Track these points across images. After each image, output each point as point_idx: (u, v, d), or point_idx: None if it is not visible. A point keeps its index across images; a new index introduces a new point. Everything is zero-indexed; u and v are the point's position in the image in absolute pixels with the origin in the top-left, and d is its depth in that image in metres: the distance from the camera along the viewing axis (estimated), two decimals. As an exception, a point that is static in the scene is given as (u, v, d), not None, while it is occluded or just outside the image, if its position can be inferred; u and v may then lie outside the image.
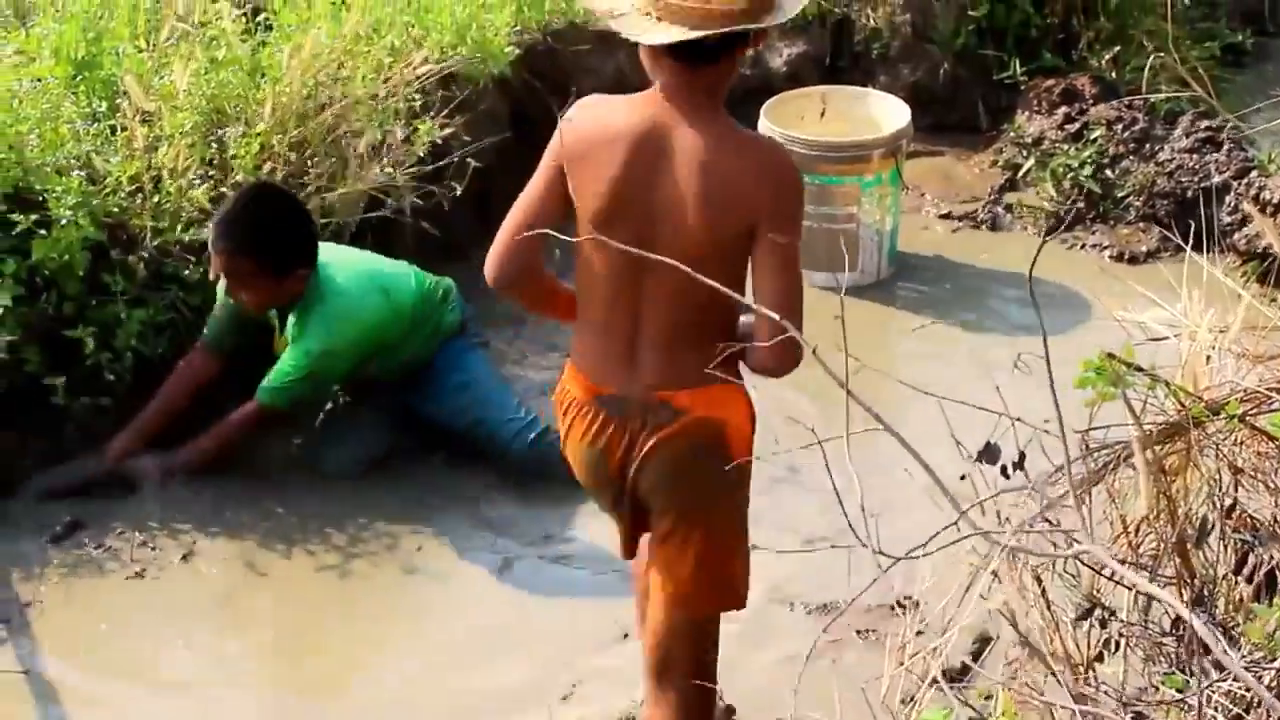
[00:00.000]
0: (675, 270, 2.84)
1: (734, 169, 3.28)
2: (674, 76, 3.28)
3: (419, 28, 5.95)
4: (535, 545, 4.89)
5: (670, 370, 3.42)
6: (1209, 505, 3.41)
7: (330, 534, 4.89)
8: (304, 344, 4.92)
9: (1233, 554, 3.39)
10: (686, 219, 3.28)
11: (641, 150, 3.28)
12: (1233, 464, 3.44)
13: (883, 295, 6.24)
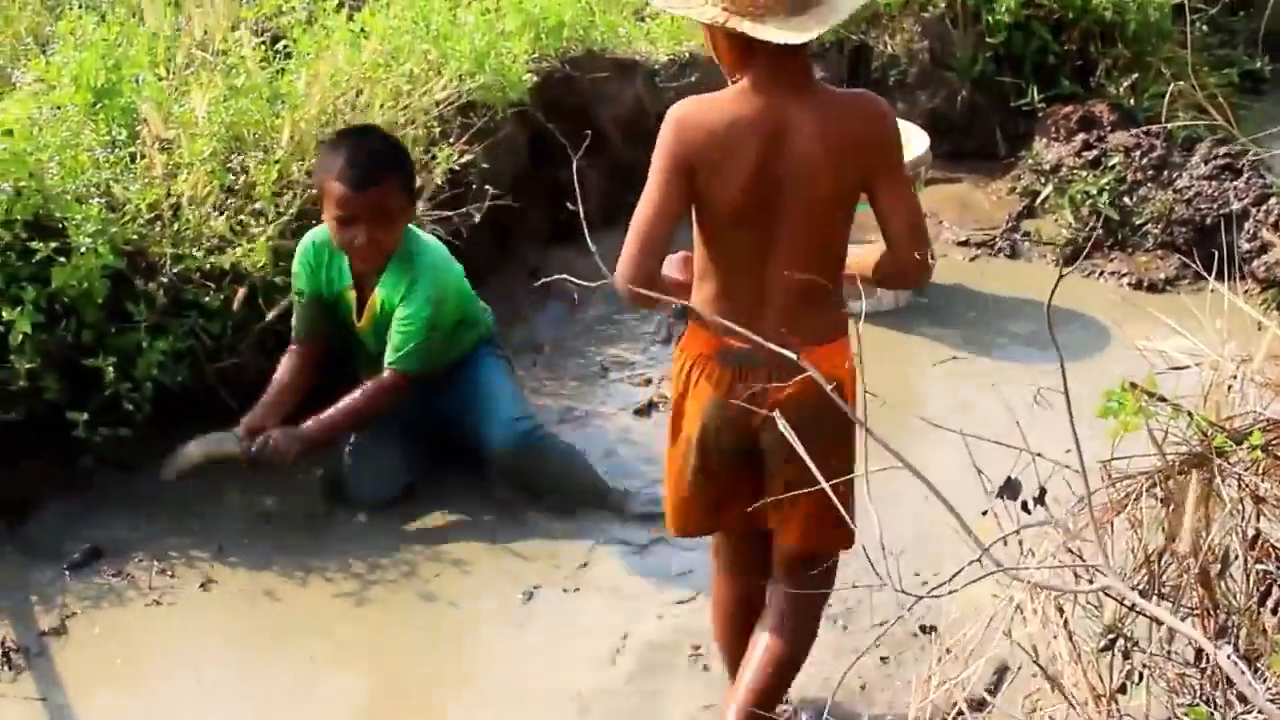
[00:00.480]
0: (801, 235, 3.54)
1: (847, 130, 3.58)
2: (773, 63, 3.53)
3: (437, 55, 5.96)
4: (557, 575, 4.86)
5: (799, 327, 3.57)
6: (1232, 536, 3.40)
7: (349, 562, 4.87)
8: (417, 295, 4.97)
9: (1256, 585, 3.38)
10: (817, 183, 3.55)
11: (765, 134, 3.53)
12: (1256, 494, 3.42)
13: (901, 324, 6.23)
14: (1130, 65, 7.57)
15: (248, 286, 5.11)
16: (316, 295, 5.11)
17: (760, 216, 3.57)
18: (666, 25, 7.37)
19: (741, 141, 3.53)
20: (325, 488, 5.21)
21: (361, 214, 4.86)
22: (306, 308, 5.13)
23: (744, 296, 3.65)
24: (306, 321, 5.15)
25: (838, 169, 3.57)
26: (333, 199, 4.86)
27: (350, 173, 4.81)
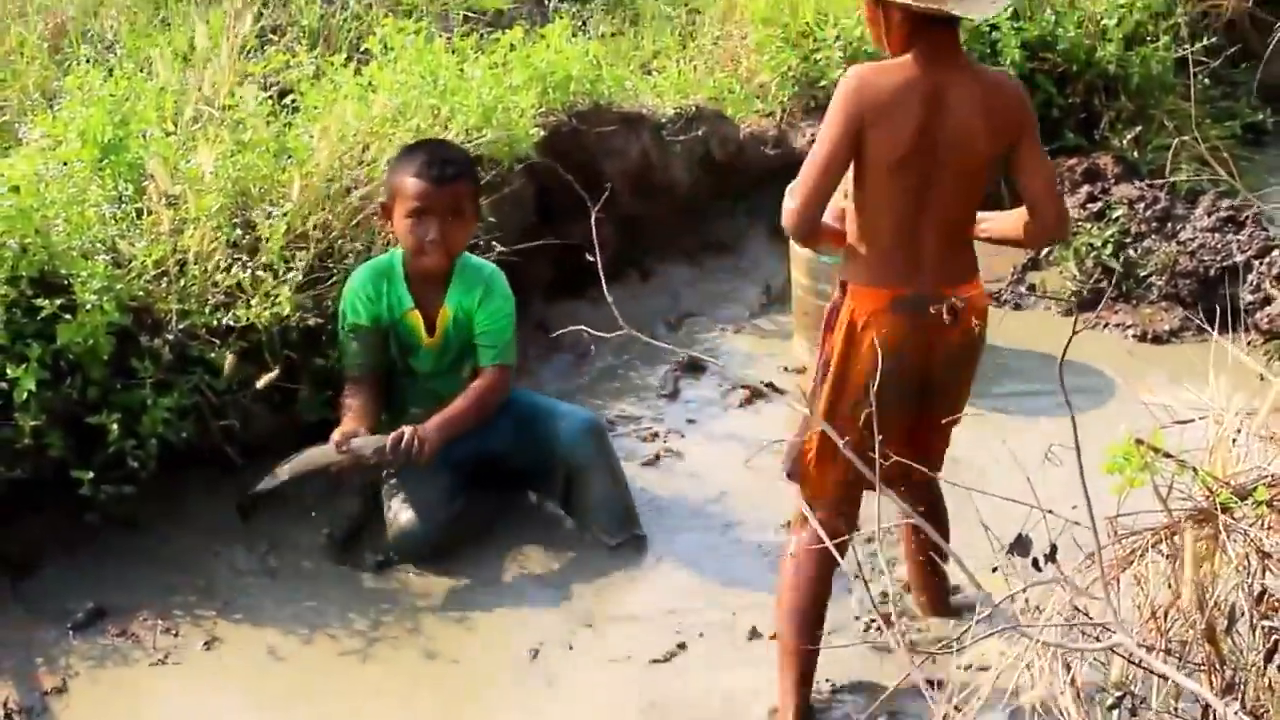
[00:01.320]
0: (950, 190, 4.12)
1: (998, 102, 4.15)
2: (935, 38, 4.11)
3: (445, 110, 5.97)
4: (563, 631, 4.84)
5: (951, 270, 4.22)
6: (1238, 592, 3.39)
7: (352, 619, 4.86)
8: (496, 293, 5.26)
9: (1263, 641, 3.36)
10: (974, 145, 4.10)
11: (928, 100, 4.07)
12: (1261, 549, 3.42)
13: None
14: (1134, 118, 7.59)
15: (252, 343, 5.12)
16: (376, 325, 5.19)
17: (918, 172, 4.09)
18: (673, 78, 7.39)
19: (907, 103, 4.05)
20: (329, 543, 5.19)
21: (438, 208, 5.10)
22: (366, 340, 5.20)
23: (906, 249, 4.17)
24: (366, 355, 5.22)
25: (991, 134, 4.11)
26: (410, 194, 5.08)
27: (430, 169, 5.07)
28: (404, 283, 5.21)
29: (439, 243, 5.11)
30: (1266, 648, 3.34)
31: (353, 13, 7.41)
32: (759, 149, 7.33)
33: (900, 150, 4.07)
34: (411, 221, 5.10)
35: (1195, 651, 3.35)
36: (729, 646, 4.73)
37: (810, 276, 6.29)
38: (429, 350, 5.29)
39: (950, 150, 4.09)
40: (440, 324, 5.25)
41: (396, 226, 5.17)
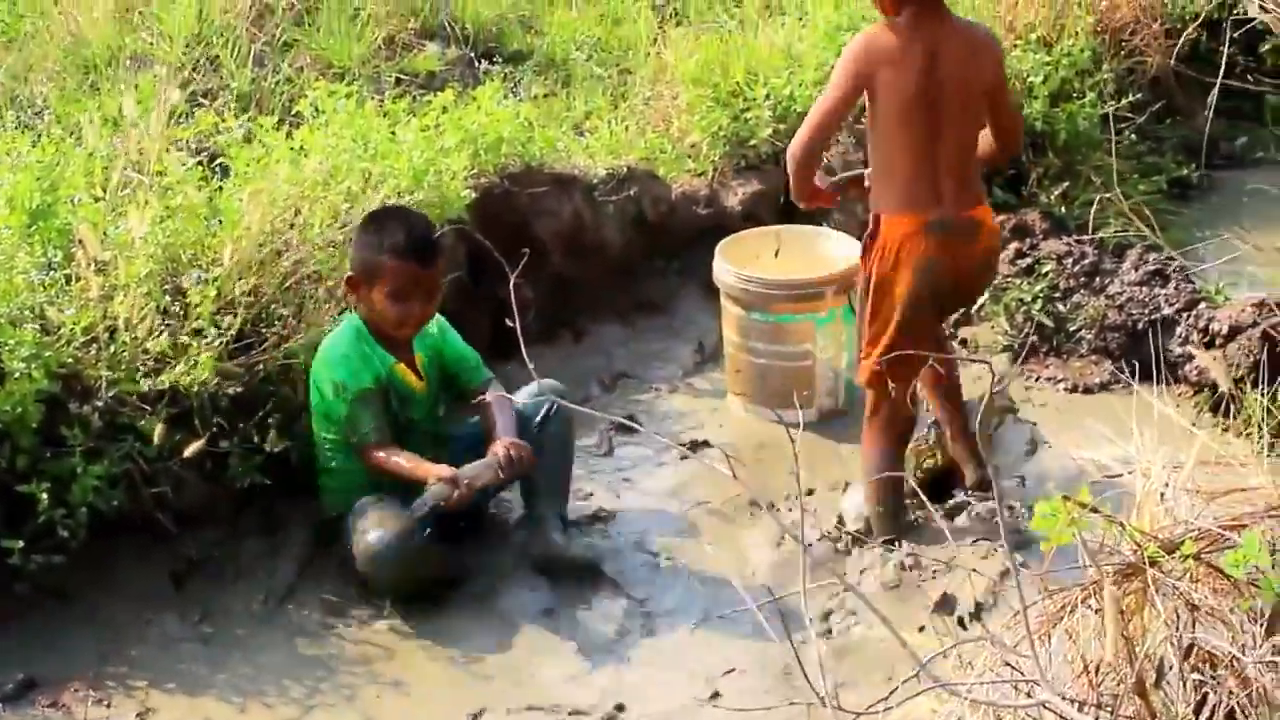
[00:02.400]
0: (956, 123, 5.14)
1: (981, 48, 5.24)
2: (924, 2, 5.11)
3: (376, 172, 5.98)
4: (503, 694, 4.82)
5: (965, 196, 5.22)
6: (1167, 645, 3.42)
7: (288, 686, 4.83)
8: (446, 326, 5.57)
9: (1192, 693, 3.39)
10: (969, 83, 5.14)
11: (927, 50, 5.07)
12: (1190, 602, 3.45)
13: (840, 432, 6.20)
14: (1061, 174, 7.65)
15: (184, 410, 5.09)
16: (379, 385, 5.27)
17: (927, 112, 5.06)
18: (605, 139, 7.42)
19: (911, 53, 5.04)
20: (264, 608, 5.17)
21: (423, 288, 5.31)
22: (376, 404, 5.27)
23: (927, 179, 5.11)
24: (380, 416, 5.27)
25: (979, 73, 5.15)
26: (395, 276, 5.23)
27: (414, 252, 5.24)
28: (376, 342, 5.30)
29: (421, 316, 5.33)
30: (1196, 700, 3.36)
31: (284, 76, 7.42)
32: (691, 209, 7.35)
33: (909, 91, 5.03)
34: (395, 300, 5.24)
35: (1126, 705, 3.37)
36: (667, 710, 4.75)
37: (741, 334, 6.32)
38: (422, 396, 5.43)
39: (952, 89, 5.07)
40: (421, 370, 5.41)
41: (372, 301, 5.26)
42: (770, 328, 6.26)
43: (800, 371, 6.27)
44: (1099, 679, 3.51)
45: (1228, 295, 6.69)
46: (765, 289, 6.25)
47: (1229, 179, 8.49)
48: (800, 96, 7.56)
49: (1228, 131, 9.05)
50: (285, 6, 8.11)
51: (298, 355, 5.41)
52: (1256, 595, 3.27)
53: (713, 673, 4.85)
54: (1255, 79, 8.29)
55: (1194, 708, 3.35)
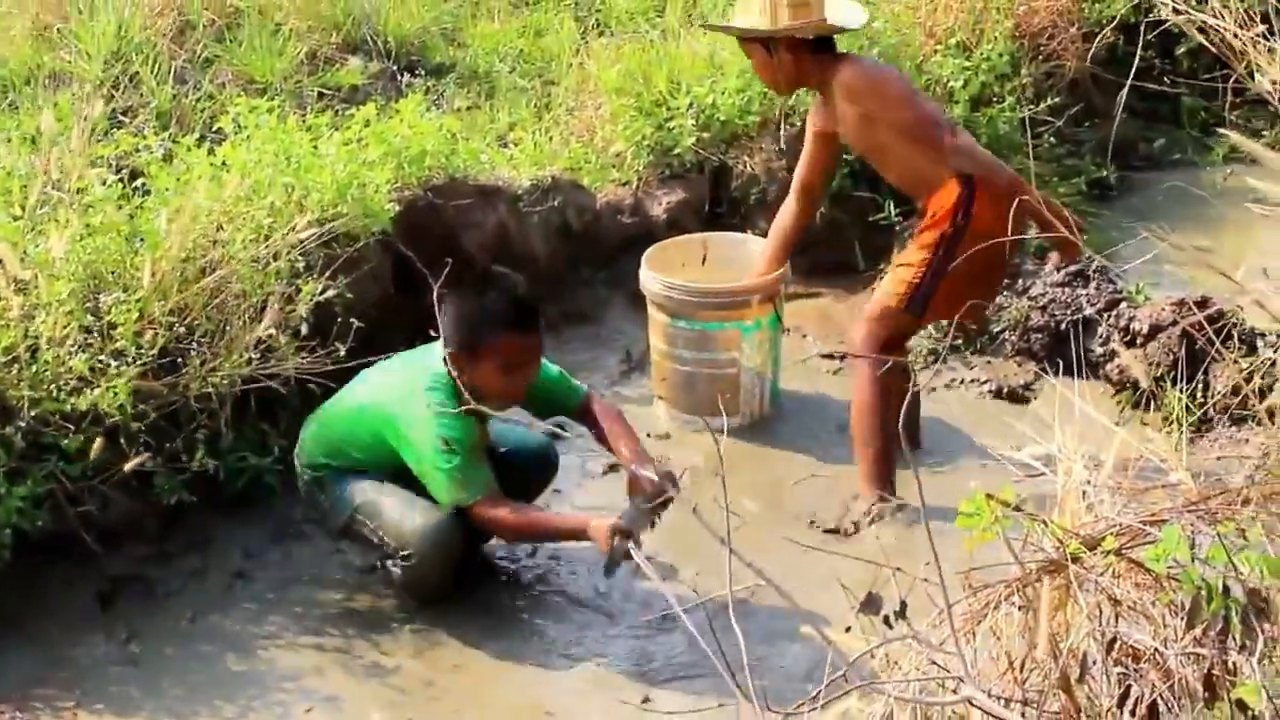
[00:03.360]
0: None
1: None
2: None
3: (299, 188, 5.96)
4: (432, 710, 4.82)
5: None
6: (1090, 639, 3.45)
7: (218, 705, 4.81)
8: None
9: (1116, 686, 3.42)
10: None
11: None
12: (1112, 597, 3.49)
13: (765, 438, 6.28)
14: (983, 178, 7.73)
15: (108, 428, 5.07)
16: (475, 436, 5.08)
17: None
18: (529, 150, 7.43)
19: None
20: (191, 626, 5.16)
21: (534, 353, 5.16)
22: (481, 451, 5.10)
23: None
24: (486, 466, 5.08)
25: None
26: (516, 349, 5.04)
27: (527, 319, 5.08)
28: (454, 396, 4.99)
29: (527, 383, 5.17)
30: (1119, 693, 3.40)
31: (205, 93, 7.39)
32: (616, 218, 7.39)
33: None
34: (506, 373, 5.04)
35: (1051, 701, 3.41)
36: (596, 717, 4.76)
37: (668, 342, 6.34)
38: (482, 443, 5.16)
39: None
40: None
41: (478, 373, 4.98)
42: (696, 335, 6.29)
43: (726, 379, 6.30)
44: (1024, 675, 3.54)
45: (1148, 295, 6.75)
46: (691, 297, 6.28)
47: (1147, 180, 8.61)
48: (723, 105, 7.60)
49: (1146, 133, 9.16)
50: (206, 23, 8.08)
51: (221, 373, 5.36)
52: (1177, 589, 3.30)
53: (644, 678, 4.88)
54: (1170, 81, 8.37)
55: (1117, 701, 3.38)
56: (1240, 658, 3.14)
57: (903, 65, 7.81)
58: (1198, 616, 3.20)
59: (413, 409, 5.03)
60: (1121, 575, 3.52)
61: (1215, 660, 3.13)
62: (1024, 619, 3.56)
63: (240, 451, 5.58)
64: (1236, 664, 3.15)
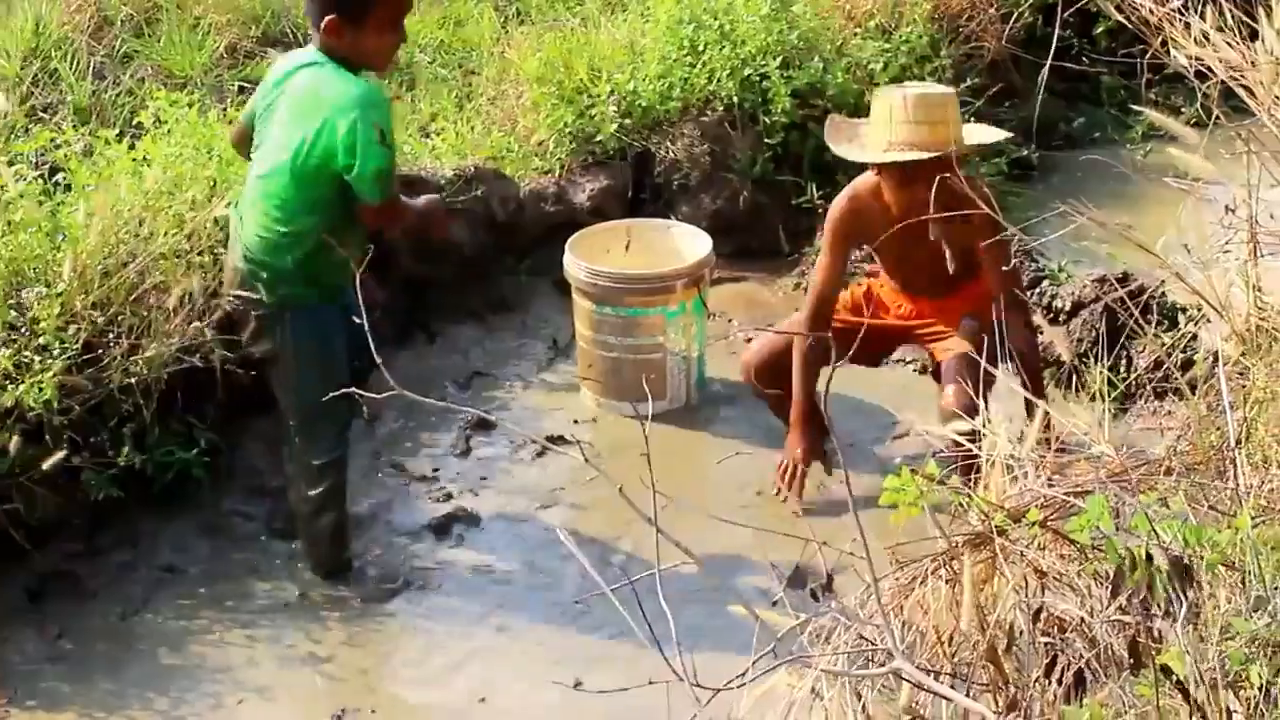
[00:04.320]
0: None
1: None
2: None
3: (221, 181, 5.93)
4: (369, 696, 4.82)
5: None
6: (1016, 611, 3.49)
7: (151, 698, 4.80)
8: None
9: (1043, 656, 3.46)
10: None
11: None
12: (1037, 569, 3.53)
13: (691, 421, 6.31)
14: (904, 160, 7.76)
15: (34, 424, 5.03)
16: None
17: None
18: (451, 140, 7.42)
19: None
20: (122, 621, 5.14)
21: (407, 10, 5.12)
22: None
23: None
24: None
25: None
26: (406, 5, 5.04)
27: None
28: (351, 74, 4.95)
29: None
30: (1046, 663, 3.44)
31: (125, 88, 7.34)
32: (540, 206, 7.39)
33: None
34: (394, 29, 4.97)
35: (980, 673, 3.44)
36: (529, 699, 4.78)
37: (593, 329, 6.35)
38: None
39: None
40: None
41: (365, 38, 4.87)
42: (621, 321, 6.30)
43: (652, 364, 6.32)
44: (953, 649, 3.58)
45: (1070, 273, 6.81)
46: (614, 284, 6.29)
47: (1068, 159, 8.67)
48: (644, 91, 7.61)
49: (1067, 113, 9.24)
50: (124, 18, 8.03)
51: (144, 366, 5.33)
52: (1101, 559, 3.34)
53: (575, 659, 4.91)
54: (1089, 60, 8.44)
55: (1044, 670, 3.42)
56: (1164, 624, 3.18)
57: (823, 49, 7.85)
58: (1121, 585, 3.23)
59: (360, 99, 4.83)
60: (1047, 547, 3.56)
61: (1139, 628, 3.17)
62: (950, 593, 3.60)
63: (167, 446, 5.53)
64: (1161, 630, 3.19)
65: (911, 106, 5.30)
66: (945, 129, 5.36)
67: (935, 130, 5.31)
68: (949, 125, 5.39)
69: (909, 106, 5.30)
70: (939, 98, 5.42)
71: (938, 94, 5.46)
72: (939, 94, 5.46)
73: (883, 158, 5.37)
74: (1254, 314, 4.43)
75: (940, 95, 5.46)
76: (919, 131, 5.30)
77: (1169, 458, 4.01)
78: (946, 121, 5.38)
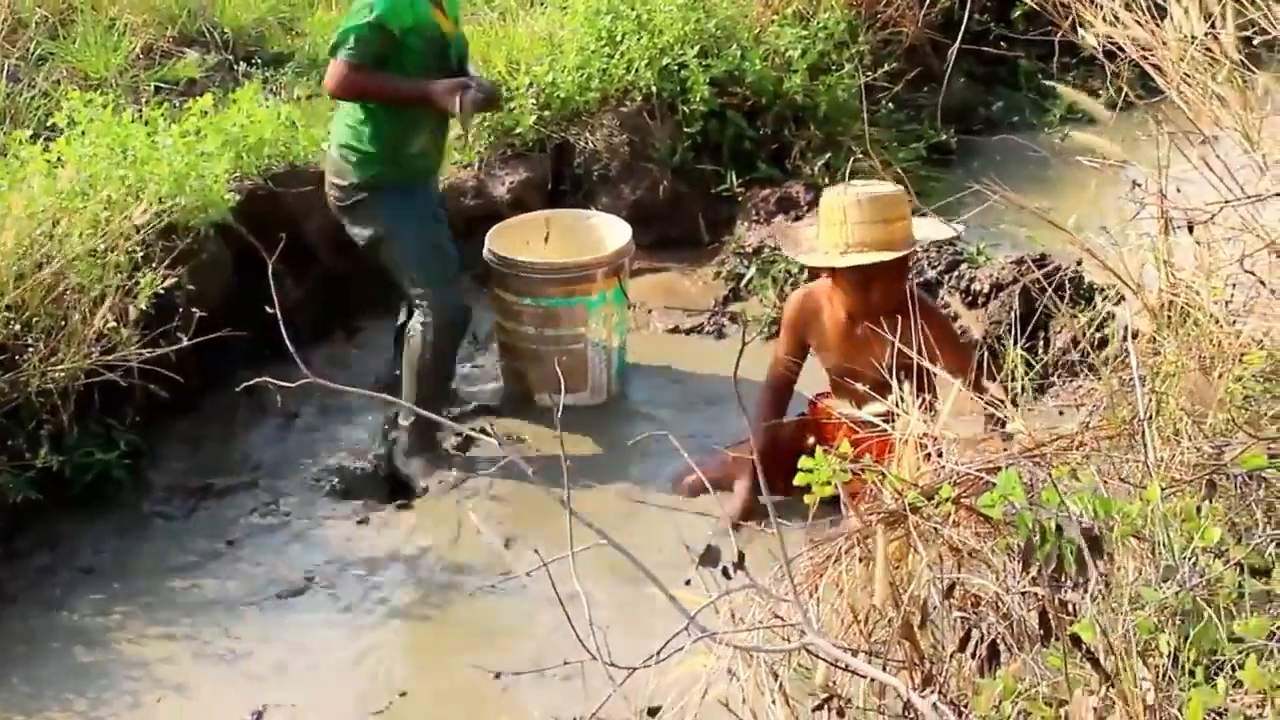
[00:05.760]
0: None
1: None
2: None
3: (136, 180, 5.89)
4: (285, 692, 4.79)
5: None
6: (930, 588, 3.52)
7: (69, 698, 4.77)
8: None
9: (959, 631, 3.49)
10: None
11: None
12: (951, 545, 3.56)
13: (611, 412, 6.32)
14: (823, 145, 7.79)
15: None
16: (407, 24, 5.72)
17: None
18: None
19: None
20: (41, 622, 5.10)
21: None
22: (383, 42, 5.68)
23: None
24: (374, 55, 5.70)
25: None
26: None
27: None
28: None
29: None
30: (960, 637, 3.46)
31: (40, 90, 7.29)
32: (459, 199, 7.37)
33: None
34: None
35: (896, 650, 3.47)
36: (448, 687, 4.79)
37: (513, 320, 6.34)
38: (452, 39, 5.95)
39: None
40: (447, 11, 5.94)
41: None
42: (541, 313, 6.29)
43: (573, 354, 6.32)
44: (869, 626, 3.60)
45: (989, 256, 6.85)
46: (535, 274, 6.28)
47: (986, 143, 8.72)
48: (563, 83, 7.62)
49: (985, 97, 9.30)
50: (39, 20, 7.97)
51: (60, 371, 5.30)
52: (1014, 533, 3.36)
53: (492, 642, 4.92)
54: (1006, 43, 8.50)
55: (958, 645, 3.45)
56: (1075, 595, 3.21)
57: (740, 38, 7.87)
58: (1031, 558, 3.26)
59: None
60: (961, 523, 3.59)
61: (1049, 599, 3.20)
62: (865, 571, 3.62)
63: (86, 448, 5.50)
64: (1074, 603, 3.22)
65: (867, 208, 5.22)
66: (903, 226, 5.31)
67: (892, 229, 5.25)
68: (906, 222, 5.34)
69: (864, 208, 5.22)
70: (891, 197, 5.31)
71: (889, 193, 5.33)
72: (890, 193, 5.34)
73: (844, 261, 5.26)
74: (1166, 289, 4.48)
75: (892, 194, 5.34)
76: (875, 231, 5.23)
77: (1082, 432, 4.04)
78: (903, 218, 5.33)
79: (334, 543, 5.55)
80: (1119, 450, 3.87)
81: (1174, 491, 3.46)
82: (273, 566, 5.41)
